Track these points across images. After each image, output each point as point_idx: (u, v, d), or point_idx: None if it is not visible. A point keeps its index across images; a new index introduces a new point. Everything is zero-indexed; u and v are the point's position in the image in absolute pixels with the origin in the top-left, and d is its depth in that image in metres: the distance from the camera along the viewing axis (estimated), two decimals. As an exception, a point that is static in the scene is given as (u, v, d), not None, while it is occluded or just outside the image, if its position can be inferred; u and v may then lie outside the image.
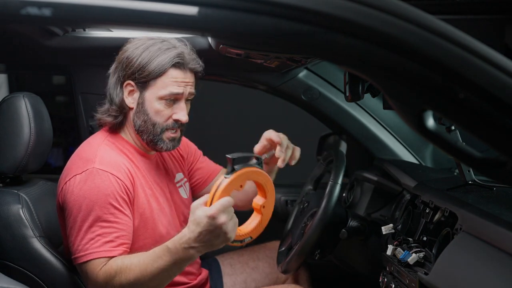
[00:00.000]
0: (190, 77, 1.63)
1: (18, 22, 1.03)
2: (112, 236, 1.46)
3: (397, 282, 1.54)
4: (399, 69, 0.87)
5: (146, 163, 1.68)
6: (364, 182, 2.13)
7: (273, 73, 2.14)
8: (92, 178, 1.49)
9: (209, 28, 0.89)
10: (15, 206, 1.59)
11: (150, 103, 1.59)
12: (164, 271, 1.40)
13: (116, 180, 1.51)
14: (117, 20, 0.88)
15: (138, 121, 1.61)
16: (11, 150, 1.62)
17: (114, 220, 1.48)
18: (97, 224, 1.46)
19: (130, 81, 1.60)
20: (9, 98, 1.66)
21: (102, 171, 1.51)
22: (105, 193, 1.48)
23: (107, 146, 1.61)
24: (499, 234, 1.21)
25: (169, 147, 1.64)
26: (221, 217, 1.31)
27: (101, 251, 1.45)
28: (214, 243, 1.35)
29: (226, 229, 1.32)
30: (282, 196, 2.51)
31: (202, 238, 1.33)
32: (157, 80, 1.58)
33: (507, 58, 0.89)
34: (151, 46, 1.59)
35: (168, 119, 1.61)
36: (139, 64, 1.57)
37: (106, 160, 1.54)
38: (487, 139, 0.90)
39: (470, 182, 1.61)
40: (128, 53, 1.59)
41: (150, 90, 1.59)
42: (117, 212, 1.49)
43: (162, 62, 1.57)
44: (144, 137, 1.62)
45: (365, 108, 2.20)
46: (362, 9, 0.86)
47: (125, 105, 1.62)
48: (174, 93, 1.58)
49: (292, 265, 1.77)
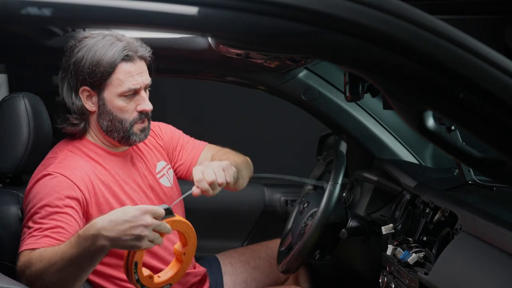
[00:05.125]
0: (142, 66, 1.61)
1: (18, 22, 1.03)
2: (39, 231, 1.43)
3: (397, 282, 1.54)
4: (399, 69, 0.87)
5: (118, 161, 1.67)
6: (364, 182, 2.13)
7: (273, 73, 2.14)
8: (44, 181, 1.51)
9: (209, 28, 0.89)
10: (15, 207, 1.59)
11: (111, 103, 1.58)
12: (71, 261, 1.32)
13: (68, 182, 1.51)
14: (117, 20, 0.88)
15: (104, 122, 1.60)
16: (11, 150, 1.62)
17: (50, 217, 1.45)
18: (32, 219, 1.46)
19: (84, 86, 1.58)
20: (9, 98, 1.66)
21: (55, 173, 1.51)
22: (49, 192, 1.48)
23: (69, 151, 1.61)
24: (499, 234, 1.21)
25: (141, 137, 1.64)
26: (148, 218, 1.30)
27: (24, 245, 1.42)
28: (125, 238, 1.29)
29: (144, 233, 1.29)
30: (282, 196, 2.51)
31: (118, 225, 1.29)
32: (111, 78, 1.56)
33: (507, 58, 0.89)
34: (94, 45, 1.56)
35: (133, 112, 1.60)
36: (88, 67, 1.55)
37: (62, 165, 1.55)
38: (487, 139, 0.90)
39: (470, 182, 1.61)
40: (74, 58, 1.57)
41: (107, 90, 1.57)
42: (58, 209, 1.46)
43: (110, 60, 1.54)
44: (115, 136, 1.62)
45: (365, 108, 2.20)
46: (362, 9, 0.86)
47: (85, 111, 1.61)
48: (133, 88, 1.57)
49: (292, 265, 1.76)
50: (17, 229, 1.55)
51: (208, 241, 2.39)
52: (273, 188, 2.53)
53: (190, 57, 2.06)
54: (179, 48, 2.01)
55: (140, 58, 1.60)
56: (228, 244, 2.35)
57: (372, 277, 1.75)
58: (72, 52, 1.59)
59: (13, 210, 1.58)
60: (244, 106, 3.90)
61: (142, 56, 1.61)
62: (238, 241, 2.48)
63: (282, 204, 2.50)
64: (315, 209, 1.77)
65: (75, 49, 1.58)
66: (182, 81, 3.62)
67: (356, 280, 2.13)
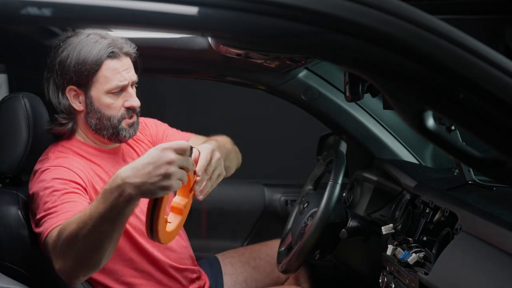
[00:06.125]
0: (128, 63, 1.61)
1: (18, 22, 1.03)
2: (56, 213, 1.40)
3: (397, 282, 1.54)
4: (399, 69, 0.87)
5: (109, 159, 1.67)
6: (364, 182, 2.13)
7: (273, 73, 2.14)
8: (43, 175, 1.50)
9: (209, 28, 0.89)
10: (14, 207, 1.58)
11: (98, 100, 1.58)
12: (101, 218, 1.21)
13: (67, 171, 1.50)
14: (116, 20, 0.88)
15: (93, 120, 1.60)
16: (10, 150, 1.62)
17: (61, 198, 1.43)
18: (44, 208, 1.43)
19: (70, 85, 1.58)
20: (8, 99, 1.66)
21: (53, 166, 1.51)
22: (52, 181, 1.47)
23: (60, 152, 1.61)
24: (499, 234, 1.21)
25: (131, 133, 1.64)
26: (171, 154, 1.16)
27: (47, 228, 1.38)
28: (152, 181, 1.16)
29: (170, 171, 1.16)
30: (282, 196, 2.51)
31: (141, 169, 1.17)
32: (97, 75, 1.56)
33: (507, 58, 0.89)
34: (78, 44, 1.56)
35: (120, 108, 1.60)
36: (74, 66, 1.55)
37: (56, 161, 1.55)
38: (487, 139, 0.90)
39: (470, 182, 1.61)
40: (59, 58, 1.57)
41: (94, 88, 1.57)
42: (66, 190, 1.45)
43: (96, 57, 1.54)
44: (104, 133, 1.61)
45: (365, 108, 2.20)
46: (362, 9, 0.86)
47: (73, 110, 1.61)
48: (120, 85, 1.57)
49: (292, 265, 1.77)
50: (17, 229, 1.55)
51: (208, 241, 2.40)
52: (273, 188, 2.54)
53: (190, 57, 2.06)
54: (179, 48, 2.01)
55: (126, 55, 1.60)
56: (228, 244, 2.35)
57: (372, 277, 1.75)
58: (57, 52, 1.59)
59: (13, 210, 1.58)
60: (244, 106, 3.90)
61: (127, 53, 1.61)
62: (238, 241, 2.48)
63: (282, 204, 2.50)
64: (315, 209, 1.77)
65: (59, 49, 1.58)
66: (182, 81, 3.62)
67: (356, 280, 2.13)
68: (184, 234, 1.85)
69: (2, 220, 1.56)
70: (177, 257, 1.75)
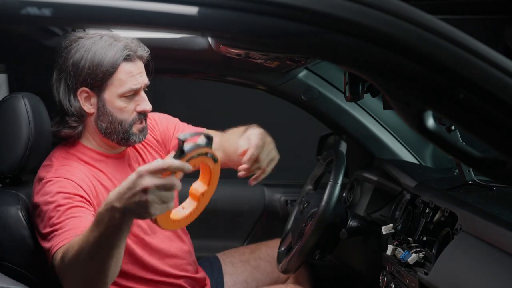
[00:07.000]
0: (141, 66, 1.60)
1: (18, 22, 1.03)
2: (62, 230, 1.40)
3: (397, 282, 1.54)
4: (399, 69, 0.87)
5: (114, 164, 1.66)
6: (364, 182, 2.13)
7: (273, 73, 2.14)
8: (46, 187, 1.49)
9: (209, 28, 0.89)
10: (14, 207, 1.58)
11: (111, 103, 1.57)
12: (98, 242, 1.22)
13: (71, 183, 1.49)
14: (117, 20, 0.88)
15: (103, 124, 1.58)
16: (10, 150, 1.62)
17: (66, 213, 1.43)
18: (49, 224, 1.43)
19: (83, 87, 1.56)
20: (8, 99, 1.66)
21: (57, 178, 1.50)
22: (55, 195, 1.46)
23: (64, 159, 1.59)
24: (499, 234, 1.21)
25: (141, 138, 1.63)
26: (146, 179, 1.12)
27: (53, 247, 1.39)
28: (131, 208, 1.14)
29: (144, 199, 1.12)
30: (282, 196, 2.51)
31: (123, 194, 1.15)
32: (112, 78, 1.55)
33: (507, 58, 0.89)
34: (92, 46, 1.54)
35: (132, 113, 1.59)
36: (89, 68, 1.53)
37: (59, 171, 1.53)
38: (487, 139, 0.90)
39: (470, 182, 1.61)
40: (72, 59, 1.54)
41: (107, 90, 1.56)
42: (70, 205, 1.44)
43: (112, 60, 1.53)
44: (114, 137, 1.60)
45: (365, 108, 2.20)
46: (362, 9, 0.86)
47: (84, 113, 1.59)
48: (134, 88, 1.56)
49: (292, 265, 1.76)
50: (17, 229, 1.55)
51: (208, 241, 2.40)
52: (273, 188, 2.54)
53: (190, 57, 2.06)
54: (179, 48, 2.01)
55: (139, 58, 1.60)
56: (229, 244, 2.35)
57: (372, 277, 1.75)
58: (69, 52, 1.56)
59: (13, 210, 1.58)
60: (244, 106, 3.89)
61: (141, 56, 1.60)
62: (238, 241, 2.48)
63: (282, 204, 2.50)
64: (315, 209, 1.77)
65: (72, 50, 1.55)
66: (182, 81, 3.62)
67: (356, 280, 2.13)
68: (188, 239, 1.83)
69: (2, 220, 1.56)
70: (178, 264, 1.74)
